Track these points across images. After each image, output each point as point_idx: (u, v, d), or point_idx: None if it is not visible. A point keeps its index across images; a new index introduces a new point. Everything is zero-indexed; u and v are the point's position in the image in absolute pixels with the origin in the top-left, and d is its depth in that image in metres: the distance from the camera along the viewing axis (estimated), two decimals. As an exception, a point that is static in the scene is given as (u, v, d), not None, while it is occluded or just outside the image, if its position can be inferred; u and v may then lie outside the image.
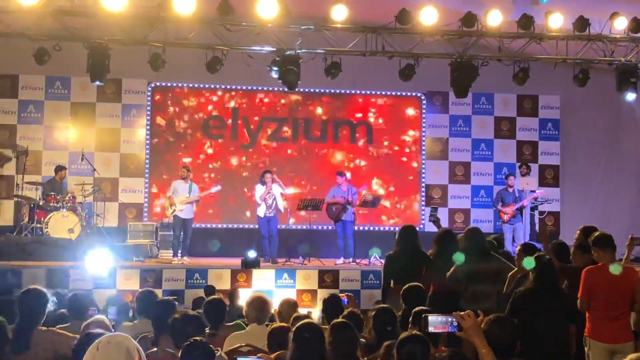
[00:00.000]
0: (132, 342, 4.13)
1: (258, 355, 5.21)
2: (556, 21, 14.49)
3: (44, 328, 6.48)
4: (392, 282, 9.90)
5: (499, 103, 19.39)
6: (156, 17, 13.82)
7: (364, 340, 6.54)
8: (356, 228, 16.58)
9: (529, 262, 7.67)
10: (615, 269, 7.71)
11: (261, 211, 16.14)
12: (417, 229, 10.56)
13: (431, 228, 11.88)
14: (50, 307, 6.70)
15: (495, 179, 19.15)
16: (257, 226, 16.51)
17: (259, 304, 7.14)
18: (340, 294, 8.45)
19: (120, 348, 4.04)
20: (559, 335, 7.33)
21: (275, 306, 8.05)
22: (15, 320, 6.38)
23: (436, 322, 4.61)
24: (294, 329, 5.37)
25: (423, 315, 4.67)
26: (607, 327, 7.66)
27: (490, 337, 4.71)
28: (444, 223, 16.71)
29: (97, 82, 14.04)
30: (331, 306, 7.63)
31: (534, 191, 17.27)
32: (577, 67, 15.28)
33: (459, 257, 9.24)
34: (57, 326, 7.02)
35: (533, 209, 17.74)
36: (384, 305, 7.08)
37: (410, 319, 6.63)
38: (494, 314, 5.22)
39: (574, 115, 19.34)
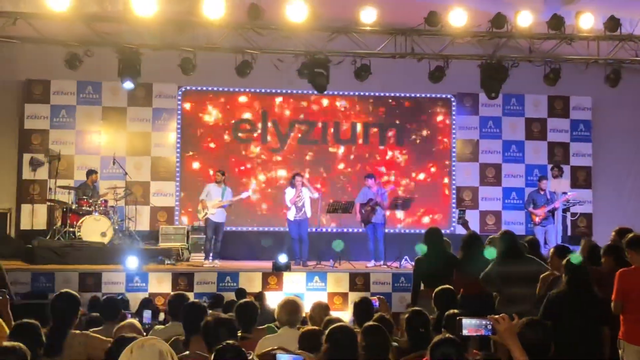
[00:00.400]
0: (165, 345, 4.16)
1: (297, 352, 5.21)
2: (587, 21, 14.41)
3: (77, 332, 6.53)
4: (422, 285, 9.90)
5: (529, 104, 19.28)
6: (186, 21, 13.91)
7: (396, 343, 6.53)
8: (386, 230, 16.55)
9: (575, 258, 7.62)
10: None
11: (291, 214, 16.16)
12: (448, 231, 10.56)
13: (462, 230, 11.85)
14: (82, 310, 6.75)
15: (526, 180, 19.03)
16: (287, 229, 16.51)
17: (291, 307, 7.14)
18: (371, 297, 8.45)
19: (153, 351, 4.06)
20: (592, 338, 7.27)
21: (306, 309, 8.06)
22: (48, 323, 6.42)
23: (470, 325, 4.59)
24: (327, 331, 5.38)
25: (457, 318, 4.65)
26: (641, 330, 7.58)
27: (523, 340, 4.68)
28: (475, 225, 16.71)
29: (127, 83, 14.04)
30: (362, 309, 7.63)
31: (565, 193, 17.13)
32: (609, 67, 15.17)
33: (490, 253, 9.22)
34: (90, 329, 7.07)
35: (565, 210, 17.61)
36: (417, 308, 7.06)
37: (444, 322, 6.61)
38: (527, 317, 5.19)
39: (606, 116, 19.18)
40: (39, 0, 13.45)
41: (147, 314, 8.95)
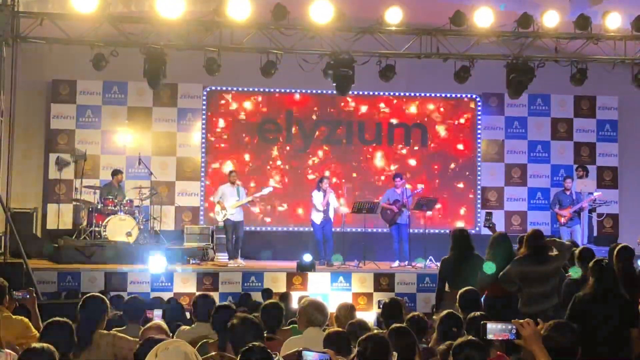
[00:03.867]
0: (190, 347, 4.17)
1: (324, 350, 5.19)
2: (614, 21, 14.33)
3: (105, 331, 6.56)
4: (447, 285, 9.86)
5: (555, 104, 19.17)
6: (211, 22, 13.95)
7: (424, 345, 6.52)
8: (411, 231, 16.51)
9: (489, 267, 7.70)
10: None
11: (318, 217, 16.12)
12: (473, 231, 10.50)
13: (486, 231, 11.80)
14: (109, 315, 6.79)
15: (552, 181, 18.93)
16: (312, 229, 16.51)
17: (316, 307, 7.11)
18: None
19: (178, 353, 4.08)
20: (619, 340, 7.22)
21: (331, 309, 8.04)
22: (75, 322, 6.45)
23: (495, 330, 4.56)
24: (360, 340, 5.32)
25: (482, 322, 4.62)
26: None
27: (550, 343, 4.66)
28: (500, 226, 16.61)
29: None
30: (391, 310, 7.60)
31: (591, 193, 17.03)
32: (636, 67, 15.09)
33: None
34: (114, 328, 7.10)
35: (591, 211, 17.51)
36: (450, 310, 7.02)
37: (466, 324, 6.58)
38: (555, 320, 5.15)
39: (633, 116, 19.06)
40: (65, 1, 13.57)
41: (157, 312, 8.90)
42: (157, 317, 8.71)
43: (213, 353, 6.01)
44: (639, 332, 7.46)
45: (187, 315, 9.84)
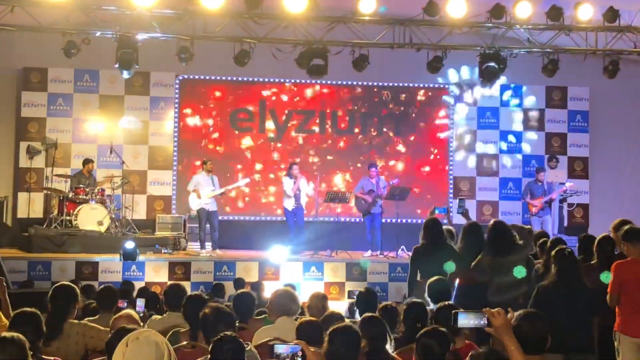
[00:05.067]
0: (161, 337, 4.15)
1: (295, 342, 5.18)
2: (586, 12, 14.40)
3: (75, 321, 6.54)
4: (418, 275, 9.85)
5: (527, 95, 19.26)
6: (184, 10, 13.87)
7: (397, 334, 6.54)
8: (383, 220, 16.53)
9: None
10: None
11: (289, 204, 16.11)
12: (445, 221, 10.54)
13: (458, 221, 11.84)
14: (80, 303, 6.75)
15: (523, 171, 19.03)
16: (284, 218, 16.49)
17: (288, 297, 7.13)
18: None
19: (149, 343, 4.06)
20: (582, 328, 7.30)
21: (304, 299, 8.04)
22: (45, 312, 6.42)
23: (466, 319, 4.58)
24: (330, 330, 5.31)
25: (453, 312, 4.64)
26: (637, 322, 7.58)
27: (521, 332, 4.69)
28: (472, 216, 16.67)
29: (125, 74, 14.10)
30: (367, 299, 7.61)
31: (563, 183, 17.14)
32: (607, 58, 15.19)
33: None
34: (86, 318, 7.07)
35: (562, 201, 17.61)
36: (416, 300, 7.04)
37: (433, 314, 6.58)
38: (525, 310, 5.18)
39: (604, 107, 19.17)
40: (36, -12, 13.43)
41: (140, 302, 8.90)
42: (139, 307, 8.70)
43: (184, 342, 6.01)
44: (604, 321, 7.57)
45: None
